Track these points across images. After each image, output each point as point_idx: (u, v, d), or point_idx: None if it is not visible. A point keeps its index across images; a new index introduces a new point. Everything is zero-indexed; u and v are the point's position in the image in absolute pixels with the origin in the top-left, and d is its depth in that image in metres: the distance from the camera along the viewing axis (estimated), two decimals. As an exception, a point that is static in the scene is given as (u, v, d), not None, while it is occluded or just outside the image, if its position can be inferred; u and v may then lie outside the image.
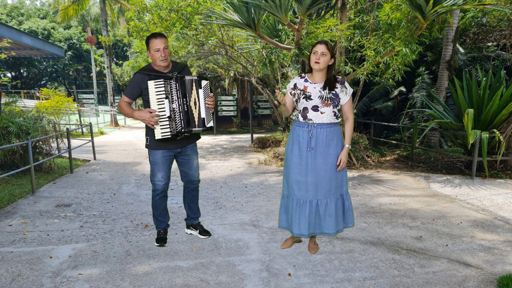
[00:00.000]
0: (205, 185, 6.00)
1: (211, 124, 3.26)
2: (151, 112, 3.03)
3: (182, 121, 3.11)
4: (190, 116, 3.15)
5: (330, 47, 2.79)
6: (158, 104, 3.06)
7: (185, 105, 3.12)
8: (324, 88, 2.83)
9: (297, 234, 2.94)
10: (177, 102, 3.09)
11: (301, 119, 2.90)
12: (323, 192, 2.87)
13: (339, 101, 2.87)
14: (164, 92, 3.05)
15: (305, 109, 2.86)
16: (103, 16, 19.77)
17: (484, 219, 4.27)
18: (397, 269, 3.05)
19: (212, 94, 3.27)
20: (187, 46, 9.67)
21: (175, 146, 3.25)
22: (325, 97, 2.82)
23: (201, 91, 3.19)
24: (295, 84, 2.94)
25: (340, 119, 2.95)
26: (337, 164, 2.87)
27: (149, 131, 3.20)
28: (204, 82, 3.21)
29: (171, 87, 3.07)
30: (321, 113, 2.83)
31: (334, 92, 2.84)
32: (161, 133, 3.09)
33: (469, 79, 6.75)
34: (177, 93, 3.09)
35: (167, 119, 3.08)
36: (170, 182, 3.42)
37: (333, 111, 2.85)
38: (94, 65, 26.61)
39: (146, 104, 3.14)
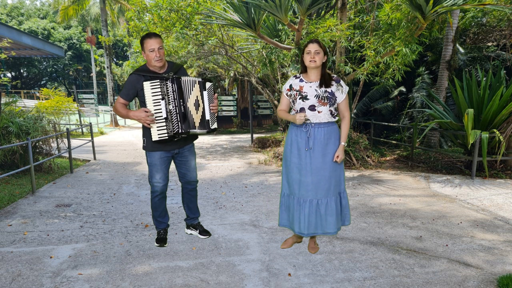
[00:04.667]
0: (205, 185, 6.00)
1: (215, 126, 3.29)
2: (146, 112, 3.00)
3: (179, 122, 3.07)
4: (189, 117, 3.11)
5: (322, 44, 2.87)
6: (155, 105, 3.02)
7: (182, 106, 3.07)
8: (320, 85, 2.87)
9: (298, 232, 2.98)
10: (173, 103, 3.04)
11: None
12: (323, 192, 2.90)
13: (336, 100, 2.91)
14: (160, 93, 3.01)
15: (302, 109, 2.89)
16: (103, 16, 19.77)
17: (484, 219, 4.27)
18: (397, 269, 3.06)
19: (216, 95, 3.30)
20: (187, 46, 9.67)
21: (173, 147, 3.23)
22: (322, 96, 2.85)
23: (205, 93, 3.20)
24: (290, 85, 2.97)
25: (337, 118, 2.98)
26: (334, 161, 2.89)
27: (146, 133, 3.17)
28: (208, 84, 3.22)
29: (167, 88, 3.02)
30: (318, 112, 2.86)
31: (330, 91, 2.87)
32: (158, 134, 3.05)
33: (469, 79, 6.75)
34: (173, 94, 3.04)
35: (164, 120, 3.04)
36: (169, 182, 3.41)
37: (330, 110, 2.89)
38: (94, 65, 26.61)
39: (143, 105, 3.11)
